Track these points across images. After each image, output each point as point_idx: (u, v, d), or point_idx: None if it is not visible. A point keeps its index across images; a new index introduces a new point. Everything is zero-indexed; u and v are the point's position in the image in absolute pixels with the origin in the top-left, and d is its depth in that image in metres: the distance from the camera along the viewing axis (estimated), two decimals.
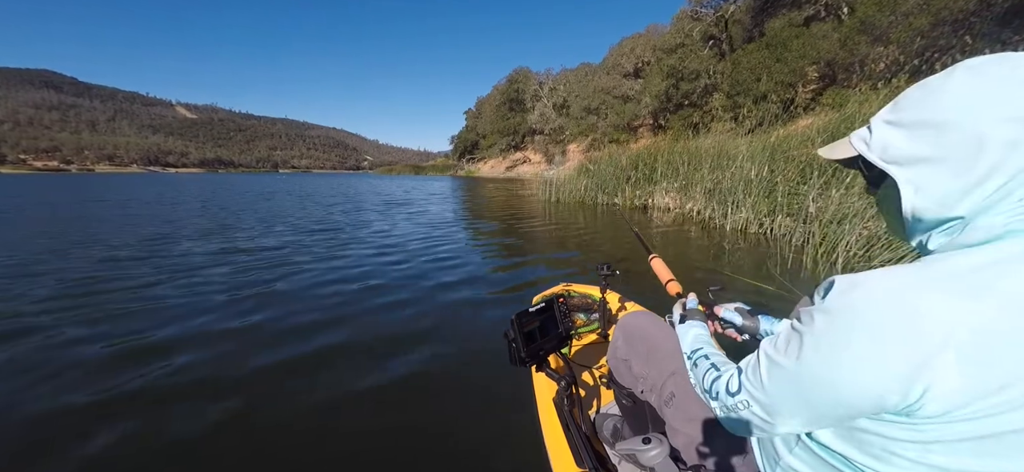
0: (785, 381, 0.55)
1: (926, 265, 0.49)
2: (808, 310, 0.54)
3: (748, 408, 0.60)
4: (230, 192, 17.10)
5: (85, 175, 74.08)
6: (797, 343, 0.53)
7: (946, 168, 0.49)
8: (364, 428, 1.61)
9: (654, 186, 8.40)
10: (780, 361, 0.55)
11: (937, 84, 0.50)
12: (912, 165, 0.52)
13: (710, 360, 0.76)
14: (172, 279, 3.51)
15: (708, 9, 24.11)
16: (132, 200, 12.43)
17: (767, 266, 3.65)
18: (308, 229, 6.32)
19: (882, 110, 0.56)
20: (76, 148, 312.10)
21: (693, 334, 0.87)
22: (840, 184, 4.33)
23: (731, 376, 0.65)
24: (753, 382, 0.60)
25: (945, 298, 0.43)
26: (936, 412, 0.44)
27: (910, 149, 0.51)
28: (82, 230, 6.15)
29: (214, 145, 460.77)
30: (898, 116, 0.53)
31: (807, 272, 3.45)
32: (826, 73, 16.15)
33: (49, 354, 2.17)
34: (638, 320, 1.12)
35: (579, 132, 36.87)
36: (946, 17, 10.77)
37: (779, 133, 7.16)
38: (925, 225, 0.54)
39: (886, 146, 0.54)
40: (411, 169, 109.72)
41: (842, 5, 17.31)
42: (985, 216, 0.47)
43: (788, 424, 0.58)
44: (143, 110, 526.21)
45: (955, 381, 0.42)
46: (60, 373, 1.99)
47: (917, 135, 0.50)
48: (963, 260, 0.47)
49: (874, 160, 0.56)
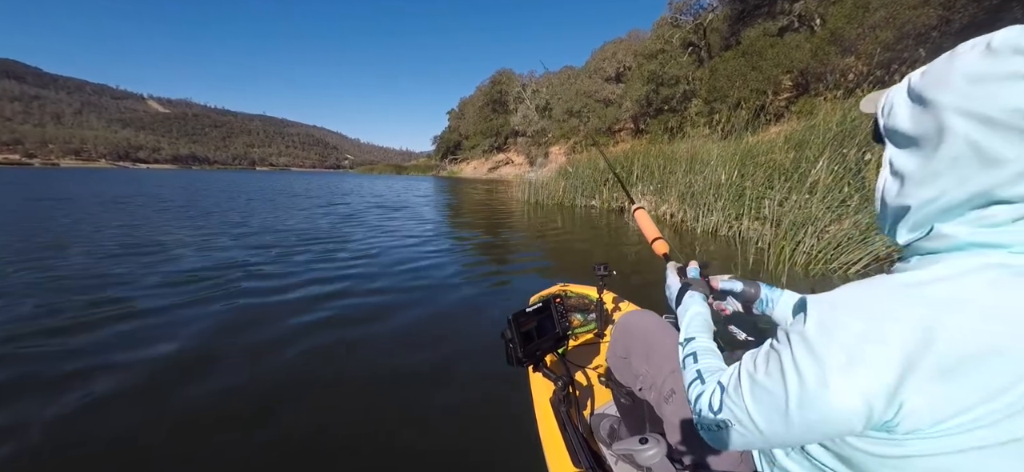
0: (767, 403, 0.53)
1: (897, 274, 0.48)
2: (784, 330, 0.53)
3: (729, 429, 0.58)
4: (203, 193, 16.58)
5: (50, 170, 70.86)
6: (777, 364, 0.52)
7: (919, 153, 0.47)
8: (360, 429, 1.60)
9: (631, 189, 8.53)
10: (762, 381, 0.53)
11: (960, 54, 0.44)
12: (899, 143, 0.50)
13: (697, 365, 0.73)
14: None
15: (687, 17, 24.64)
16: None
17: (733, 267, 3.75)
18: (291, 230, 6.22)
19: (917, 70, 0.50)
20: (40, 141, 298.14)
21: (690, 314, 0.83)
22: (802, 189, 4.48)
23: (714, 392, 0.62)
24: (735, 402, 0.57)
25: (918, 311, 0.43)
26: (913, 428, 0.43)
27: (903, 124, 0.49)
28: None
29: (188, 141, 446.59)
30: (918, 82, 0.48)
31: (769, 273, 3.56)
32: (800, 82, 16.68)
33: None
34: (638, 318, 1.11)
35: (561, 135, 37.10)
36: (910, 31, 11.26)
37: (751, 139, 7.36)
38: (889, 212, 0.52)
39: (892, 109, 0.51)
40: (393, 169, 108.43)
41: (814, 16, 17.91)
42: (949, 223, 0.46)
43: (775, 444, 0.56)
44: (112, 103, 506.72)
45: (928, 397, 0.42)
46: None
47: (912, 106, 0.48)
48: (935, 268, 0.46)
49: (879, 122, 0.54)
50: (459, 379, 1.97)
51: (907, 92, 0.49)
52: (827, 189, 4.33)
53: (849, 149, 4.81)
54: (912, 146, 0.48)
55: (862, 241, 3.55)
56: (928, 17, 10.79)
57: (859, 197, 3.97)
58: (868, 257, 3.48)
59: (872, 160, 4.41)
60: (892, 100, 0.52)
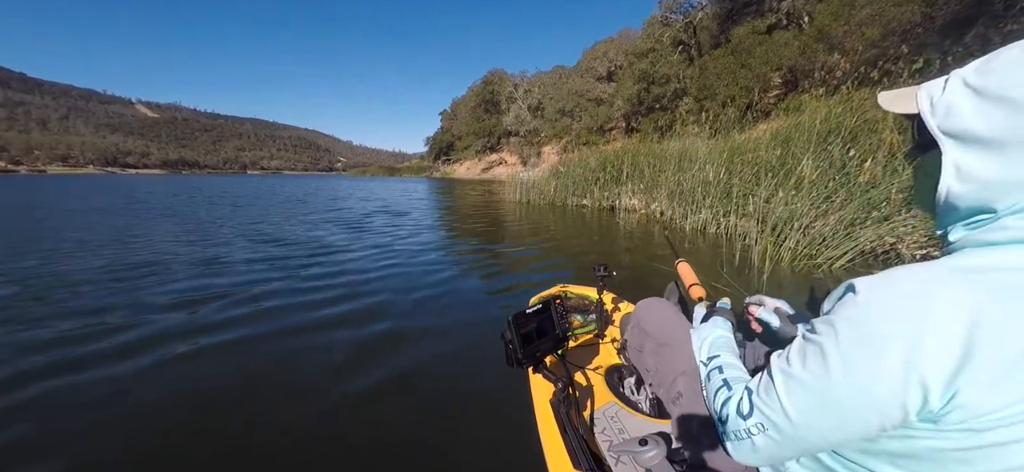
0: (809, 397, 0.50)
1: (953, 262, 0.46)
2: (826, 319, 0.50)
3: (763, 432, 0.55)
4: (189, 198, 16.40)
5: (36, 176, 69.86)
6: (817, 353, 0.49)
7: (1003, 157, 0.44)
8: (358, 431, 1.58)
9: (621, 188, 8.56)
10: (800, 376, 0.50)
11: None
12: (967, 143, 0.46)
13: (723, 375, 0.70)
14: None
15: (678, 15, 24.83)
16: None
17: (718, 264, 3.78)
18: (286, 234, 6.17)
19: (969, 66, 0.48)
20: (25, 148, 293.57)
21: (712, 337, 0.82)
22: (788, 185, 4.52)
23: (743, 397, 0.60)
24: (768, 403, 0.54)
25: (974, 299, 0.41)
26: (964, 418, 0.41)
27: (974, 123, 0.45)
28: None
29: (177, 145, 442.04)
30: (982, 81, 0.45)
31: (754, 270, 3.59)
32: (789, 79, 16.84)
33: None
34: (655, 308, 1.11)
35: (554, 134, 37.22)
36: (895, 28, 11.41)
37: (739, 137, 7.42)
38: (957, 214, 0.50)
39: (950, 111, 0.48)
40: (385, 171, 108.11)
41: (802, 14, 18.09)
42: (1019, 217, 0.44)
43: (809, 445, 0.53)
44: (100, 108, 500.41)
45: (985, 389, 0.40)
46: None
47: (990, 109, 0.44)
48: (991, 258, 0.44)
49: (931, 125, 0.50)
50: (458, 380, 1.97)
51: (970, 91, 0.46)
52: (812, 185, 4.38)
53: (834, 145, 4.86)
54: (992, 147, 0.44)
55: (846, 236, 3.59)
56: (912, 14, 10.95)
57: (845, 192, 4.02)
58: (853, 251, 3.51)
59: (856, 156, 4.46)
60: (948, 100, 0.48)
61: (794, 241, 3.75)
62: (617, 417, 1.21)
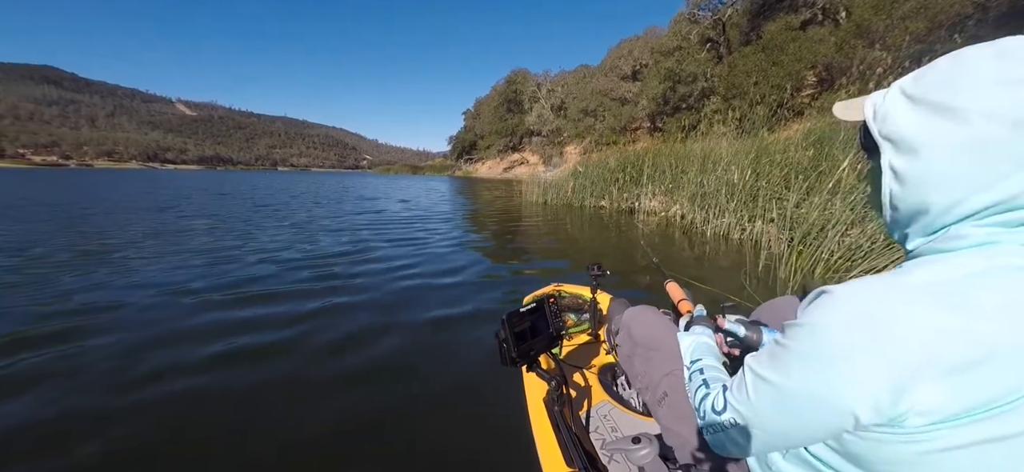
0: (770, 397, 0.53)
1: (907, 273, 0.47)
2: (791, 324, 0.52)
3: (734, 426, 0.58)
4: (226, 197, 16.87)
5: (83, 170, 73.96)
6: (782, 357, 0.51)
7: (923, 157, 0.46)
8: (351, 429, 1.56)
9: (640, 189, 8.23)
10: (766, 376, 0.53)
11: (972, 59, 0.44)
12: (903, 149, 0.49)
13: (704, 375, 0.74)
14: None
15: (706, 12, 23.99)
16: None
17: (742, 275, 3.46)
18: (295, 222, 6.15)
19: (907, 76, 0.50)
20: (75, 144, 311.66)
21: (695, 343, 0.85)
22: (822, 190, 4.14)
23: (717, 394, 0.64)
24: (739, 399, 0.58)
25: (927, 310, 0.42)
26: (922, 425, 0.43)
27: (905, 127, 0.48)
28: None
29: (213, 142, 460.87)
30: (915, 89, 0.48)
31: (781, 281, 3.27)
32: (824, 77, 16.02)
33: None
34: (642, 316, 1.13)
35: (577, 134, 36.78)
36: (943, 20, 10.63)
37: (769, 137, 6.98)
38: (901, 217, 0.52)
39: (887, 116, 0.50)
40: (409, 169, 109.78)
41: (839, 9, 17.18)
42: (969, 223, 0.45)
43: (775, 441, 0.56)
44: (143, 107, 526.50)
45: (939, 396, 0.41)
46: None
47: (920, 113, 0.47)
48: (945, 268, 0.45)
49: (873, 130, 0.53)
50: (452, 378, 1.91)
51: (905, 98, 0.49)
52: (851, 188, 3.99)
53: None
54: (921, 152, 0.47)
55: (887, 246, 3.22)
56: (963, 6, 10.17)
57: None
58: (892, 264, 3.14)
59: None
60: (886, 107, 0.51)
61: (828, 251, 3.40)
62: (610, 416, 1.24)
